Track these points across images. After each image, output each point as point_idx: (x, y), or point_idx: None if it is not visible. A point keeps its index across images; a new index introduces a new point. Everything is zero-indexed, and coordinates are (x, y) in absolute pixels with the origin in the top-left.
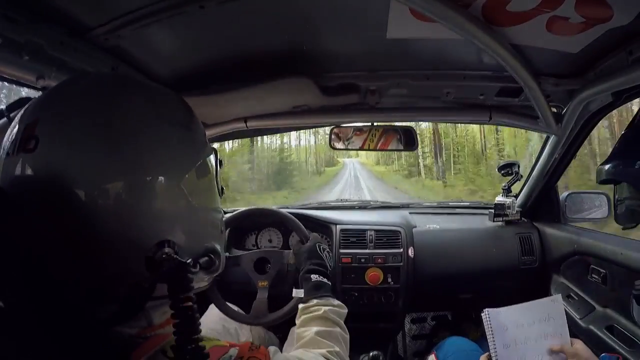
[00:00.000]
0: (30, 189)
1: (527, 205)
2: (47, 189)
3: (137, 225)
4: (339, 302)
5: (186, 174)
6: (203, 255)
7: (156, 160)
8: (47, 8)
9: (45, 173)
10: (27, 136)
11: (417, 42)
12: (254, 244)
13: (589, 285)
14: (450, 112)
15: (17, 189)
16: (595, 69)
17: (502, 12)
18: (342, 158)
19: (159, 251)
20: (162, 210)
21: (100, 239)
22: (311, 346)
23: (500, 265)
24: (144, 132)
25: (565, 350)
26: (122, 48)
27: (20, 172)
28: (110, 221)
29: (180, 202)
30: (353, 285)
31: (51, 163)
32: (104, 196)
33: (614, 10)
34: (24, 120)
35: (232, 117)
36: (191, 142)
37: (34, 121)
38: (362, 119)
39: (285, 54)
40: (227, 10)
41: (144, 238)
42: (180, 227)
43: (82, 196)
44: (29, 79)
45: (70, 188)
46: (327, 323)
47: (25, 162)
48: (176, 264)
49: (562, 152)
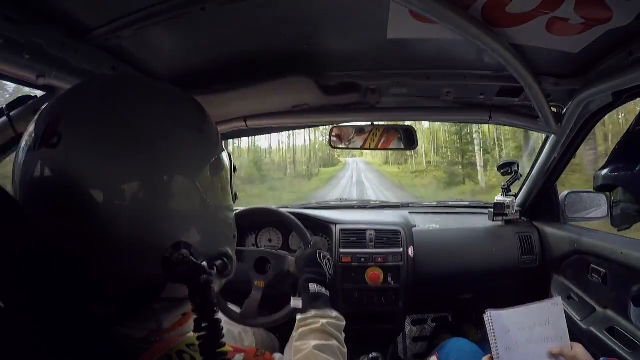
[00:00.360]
0: (50, 184)
1: (526, 204)
2: (66, 185)
3: (153, 226)
4: (337, 314)
5: (202, 172)
6: (217, 258)
7: (173, 159)
8: (48, 9)
9: (66, 169)
10: (50, 132)
11: (417, 42)
12: (253, 243)
13: (589, 285)
14: (450, 112)
15: (38, 183)
16: (595, 69)
17: (502, 13)
18: (345, 157)
19: (175, 252)
20: (178, 209)
21: (116, 238)
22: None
23: (500, 265)
24: (160, 132)
25: (565, 354)
26: (123, 48)
27: (42, 167)
28: (127, 221)
29: (196, 201)
30: (353, 285)
31: (72, 159)
32: (120, 196)
33: (614, 12)
34: (46, 117)
35: (232, 117)
36: (206, 142)
37: (57, 119)
38: (362, 118)
39: (286, 54)
40: (228, 11)
41: (160, 238)
42: (196, 227)
43: (100, 195)
44: (29, 78)
45: (89, 186)
46: (324, 336)
47: (47, 157)
48: (193, 266)
49: (561, 151)
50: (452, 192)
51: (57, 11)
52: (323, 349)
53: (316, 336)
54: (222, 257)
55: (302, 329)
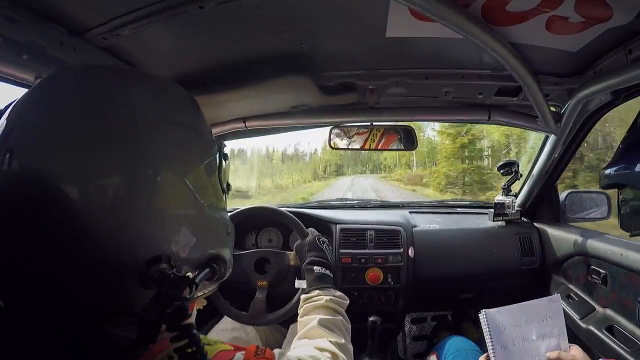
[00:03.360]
0: (18, 202)
1: (526, 204)
2: (32, 192)
3: (135, 229)
4: (340, 293)
5: (191, 168)
6: (206, 264)
7: (158, 153)
8: (47, 8)
9: (25, 181)
10: (3, 151)
11: (416, 41)
12: (253, 243)
13: (589, 286)
14: (449, 112)
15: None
16: (594, 68)
17: (502, 12)
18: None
19: (152, 267)
20: (163, 209)
21: (94, 244)
22: (315, 335)
23: (501, 265)
24: (140, 123)
25: (562, 357)
26: (121, 47)
27: (4, 181)
28: (103, 225)
29: (185, 201)
30: (353, 285)
31: (28, 169)
32: (96, 195)
33: (614, 10)
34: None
35: (230, 117)
36: (197, 136)
37: (7, 134)
38: (361, 118)
39: (284, 54)
40: (227, 10)
41: (140, 246)
42: (184, 230)
43: (74, 193)
44: (26, 79)
45: (55, 187)
46: (329, 312)
47: (7, 172)
48: (171, 282)
49: (561, 151)
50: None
51: (56, 10)
52: (328, 324)
53: (320, 312)
54: (212, 262)
55: (306, 305)
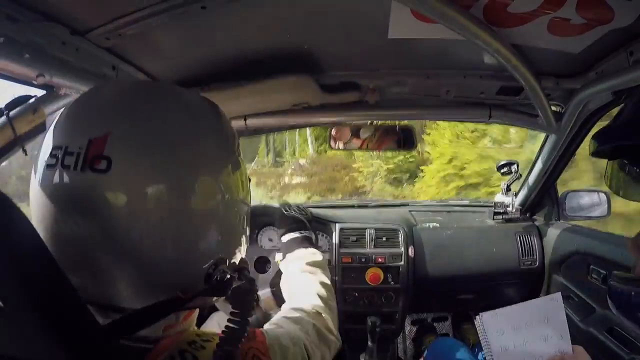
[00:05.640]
0: (97, 208)
1: (526, 203)
2: (115, 210)
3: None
4: (313, 250)
5: (222, 169)
6: (241, 267)
7: (196, 161)
8: (49, 8)
9: (117, 195)
10: (96, 153)
11: (418, 42)
12: (254, 243)
13: (589, 286)
14: (450, 110)
15: (79, 206)
16: (596, 69)
17: (504, 13)
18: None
19: (216, 268)
20: (213, 218)
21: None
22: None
23: (500, 266)
24: (190, 142)
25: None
26: (123, 47)
27: (88, 191)
28: (171, 239)
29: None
30: (353, 285)
31: (124, 186)
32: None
33: (615, 12)
34: (85, 130)
35: (231, 115)
36: (224, 139)
37: (103, 136)
38: (362, 117)
39: (286, 53)
40: (229, 9)
41: (201, 253)
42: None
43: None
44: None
45: (138, 209)
46: (307, 272)
47: (95, 183)
48: (230, 281)
49: (561, 150)
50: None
51: (59, 9)
52: (308, 280)
53: (299, 274)
54: (244, 263)
55: (283, 275)
